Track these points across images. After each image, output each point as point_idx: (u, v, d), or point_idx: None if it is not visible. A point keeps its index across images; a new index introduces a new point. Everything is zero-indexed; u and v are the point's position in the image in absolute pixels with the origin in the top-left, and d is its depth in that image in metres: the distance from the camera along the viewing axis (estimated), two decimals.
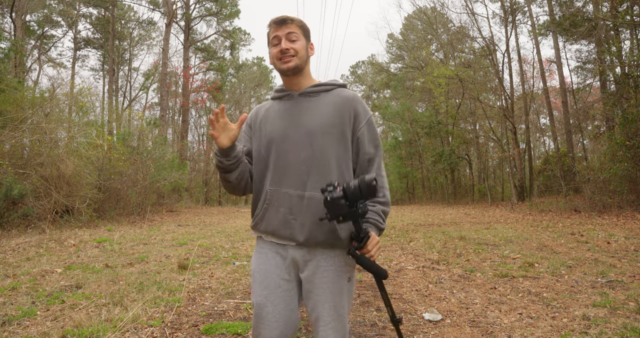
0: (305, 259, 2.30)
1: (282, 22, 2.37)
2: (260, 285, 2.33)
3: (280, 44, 2.35)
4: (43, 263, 7.99)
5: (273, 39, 2.39)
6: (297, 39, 2.37)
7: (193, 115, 46.45)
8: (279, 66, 2.38)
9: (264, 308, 2.30)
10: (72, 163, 14.22)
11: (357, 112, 2.40)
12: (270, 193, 2.32)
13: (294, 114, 2.39)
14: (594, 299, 5.31)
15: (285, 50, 2.33)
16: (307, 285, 2.31)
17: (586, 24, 22.31)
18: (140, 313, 4.89)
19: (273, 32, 2.39)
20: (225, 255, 9.37)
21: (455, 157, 35.21)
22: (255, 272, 2.39)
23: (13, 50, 20.20)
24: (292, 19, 2.38)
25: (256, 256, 2.43)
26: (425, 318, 4.86)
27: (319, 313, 2.27)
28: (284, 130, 2.36)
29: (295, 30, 2.38)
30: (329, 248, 2.31)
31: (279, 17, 2.38)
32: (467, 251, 9.33)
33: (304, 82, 2.47)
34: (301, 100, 2.43)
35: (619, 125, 17.25)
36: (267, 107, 2.53)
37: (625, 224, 12.90)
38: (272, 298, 2.30)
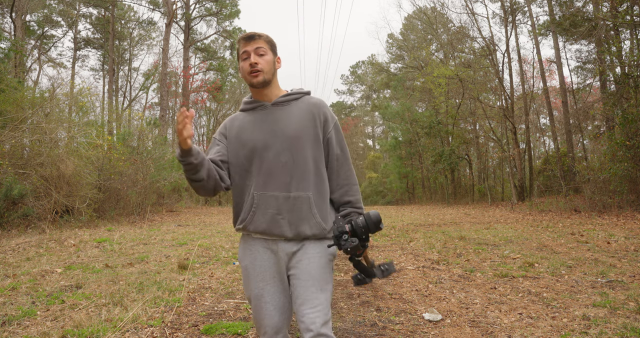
0: (294, 250, 2.48)
1: (250, 38, 2.55)
2: (256, 279, 2.49)
3: (250, 59, 2.52)
4: (43, 263, 8.00)
5: (242, 54, 2.56)
6: (265, 53, 2.56)
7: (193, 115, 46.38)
8: (249, 80, 2.56)
9: (261, 299, 2.46)
10: (72, 163, 14.23)
11: (326, 117, 2.65)
12: (257, 197, 2.48)
13: (271, 122, 2.57)
14: (594, 299, 5.31)
15: (254, 64, 2.51)
16: (293, 271, 2.47)
17: (586, 24, 22.31)
18: (140, 313, 4.89)
19: (242, 47, 2.56)
20: (225, 255, 9.38)
21: (455, 157, 35.21)
22: (248, 268, 2.53)
23: (13, 50, 20.22)
24: (259, 34, 2.57)
25: (246, 253, 2.58)
26: (425, 318, 4.85)
27: (305, 298, 2.38)
28: (264, 139, 2.53)
29: (263, 45, 2.56)
30: (314, 240, 2.51)
31: (247, 33, 2.57)
32: (467, 251, 9.33)
33: (274, 93, 2.66)
34: (274, 110, 2.62)
35: (619, 125, 17.24)
36: (240, 118, 2.70)
37: (625, 224, 12.90)
38: (268, 288, 2.47)
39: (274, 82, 2.65)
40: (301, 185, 2.47)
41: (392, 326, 4.62)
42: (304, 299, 2.38)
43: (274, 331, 2.48)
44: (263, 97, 2.65)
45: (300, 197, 2.46)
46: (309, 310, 2.35)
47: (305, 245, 2.49)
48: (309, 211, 2.47)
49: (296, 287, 2.44)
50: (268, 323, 2.46)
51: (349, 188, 2.65)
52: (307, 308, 2.35)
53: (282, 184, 2.47)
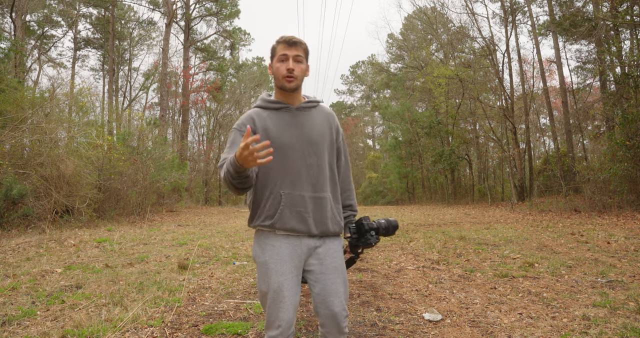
0: (316, 245, 2.71)
1: (292, 44, 2.68)
2: (276, 273, 2.59)
3: (288, 63, 2.67)
4: (43, 263, 8.00)
5: (281, 56, 2.69)
6: (301, 62, 2.72)
7: (193, 115, 46.41)
8: (282, 83, 2.72)
9: (279, 293, 2.57)
10: (72, 163, 14.23)
11: (338, 127, 2.95)
12: (285, 196, 2.62)
13: (297, 125, 2.74)
14: (594, 299, 5.31)
15: (291, 70, 2.66)
16: (319, 267, 2.70)
17: (586, 24, 22.31)
18: (140, 313, 4.89)
19: (282, 49, 2.69)
20: (225, 255, 9.38)
21: (455, 157, 35.21)
22: (268, 262, 2.63)
23: (13, 50, 20.22)
24: (300, 42, 2.72)
25: (265, 248, 2.67)
26: (425, 318, 4.85)
27: (331, 289, 2.67)
28: (291, 140, 2.69)
29: (301, 53, 2.71)
30: (332, 236, 2.78)
31: (290, 37, 2.69)
32: (467, 251, 9.34)
33: (297, 98, 2.83)
34: (298, 113, 2.79)
35: (619, 125, 17.25)
36: (264, 116, 2.77)
37: (625, 224, 12.90)
38: (286, 283, 2.58)
39: (301, 87, 2.82)
40: (323, 187, 2.72)
41: (392, 326, 4.62)
42: (331, 290, 2.67)
43: (288, 325, 2.57)
44: (288, 100, 2.79)
45: (323, 197, 2.70)
46: (336, 300, 2.67)
47: (325, 242, 2.74)
48: (330, 210, 2.73)
49: (321, 280, 2.68)
50: (284, 317, 2.55)
51: (350, 193, 3.00)
52: (335, 298, 2.66)
53: (310, 185, 2.67)
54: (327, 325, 2.70)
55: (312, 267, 2.70)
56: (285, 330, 2.56)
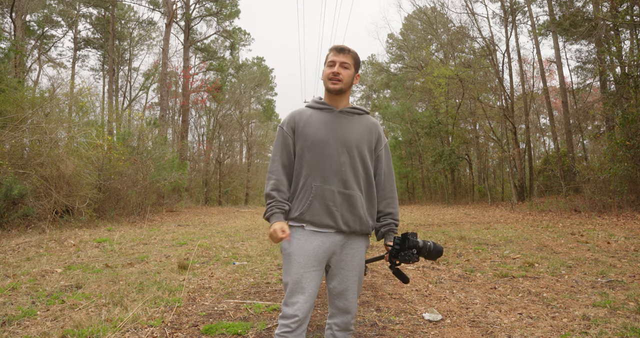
0: (342, 243, 2.83)
1: (341, 51, 2.89)
2: (298, 265, 2.73)
3: (334, 68, 2.86)
4: (43, 263, 8.00)
5: (330, 62, 2.90)
6: (348, 68, 2.89)
7: (193, 115, 46.37)
8: (327, 85, 2.91)
9: (299, 283, 2.70)
10: (72, 163, 14.22)
11: (380, 137, 3.06)
12: (316, 188, 2.78)
13: (335, 126, 2.90)
14: (594, 299, 5.32)
15: (336, 73, 2.86)
16: (339, 263, 2.85)
17: (586, 24, 22.29)
18: (140, 313, 4.89)
19: (332, 56, 2.90)
20: (225, 255, 9.39)
21: (455, 157, 35.20)
22: (292, 254, 2.77)
23: (13, 50, 20.22)
24: (349, 50, 2.91)
25: (293, 242, 2.80)
26: (425, 318, 4.86)
27: (348, 285, 2.85)
28: (327, 137, 2.86)
29: (349, 60, 2.89)
30: (359, 235, 2.90)
31: (340, 45, 2.90)
32: (467, 251, 9.35)
33: (343, 103, 3.00)
34: (340, 116, 2.95)
35: (619, 125, 17.25)
36: (308, 114, 2.97)
37: (625, 224, 12.91)
38: (307, 276, 2.71)
39: (347, 93, 2.98)
40: (355, 186, 2.84)
41: (392, 326, 4.63)
42: (347, 286, 2.85)
43: (304, 315, 2.68)
44: (333, 103, 2.97)
45: (353, 195, 2.82)
46: (350, 296, 2.86)
47: (351, 239, 2.86)
48: (360, 209, 2.83)
49: (339, 275, 2.85)
50: (302, 307, 2.66)
51: (392, 201, 3.04)
52: (349, 294, 2.86)
53: (340, 181, 2.81)
54: (337, 316, 2.90)
55: (334, 262, 2.84)
56: (302, 319, 2.66)
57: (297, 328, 2.65)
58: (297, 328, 2.66)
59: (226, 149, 51.19)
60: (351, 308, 2.87)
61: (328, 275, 2.91)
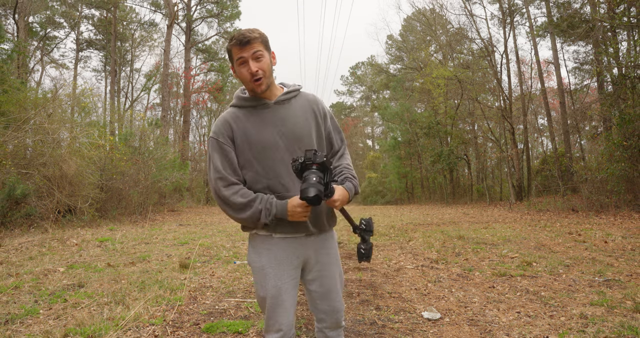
0: (315, 245, 2.61)
1: (245, 44, 2.41)
2: (274, 278, 2.50)
3: (249, 66, 2.43)
4: (46, 262, 8.02)
5: (238, 59, 2.45)
6: (262, 56, 2.46)
7: (194, 115, 46.47)
8: (252, 87, 2.49)
9: (278, 297, 2.48)
10: (75, 163, 14.24)
11: (324, 111, 2.74)
12: (278, 198, 2.46)
13: (277, 123, 2.53)
14: (592, 298, 5.34)
15: (255, 73, 2.43)
16: (316, 266, 2.62)
17: (584, 25, 22.39)
18: (141, 312, 4.91)
19: (237, 52, 2.44)
20: (226, 254, 9.41)
21: (454, 157, 35.24)
22: (265, 267, 2.52)
23: (16, 51, 20.21)
24: (253, 37, 2.42)
25: (262, 253, 2.56)
26: (424, 317, 4.89)
27: (330, 286, 2.64)
28: (274, 139, 2.49)
29: (259, 47, 2.44)
30: (329, 231, 2.71)
31: (240, 36, 2.42)
32: (466, 250, 9.37)
33: (273, 92, 2.60)
34: (277, 108, 2.57)
35: (616, 126, 17.27)
36: (243, 118, 2.56)
37: (623, 224, 12.93)
38: (285, 287, 2.50)
39: (272, 81, 2.58)
40: None
41: (392, 324, 4.66)
42: (329, 288, 2.64)
43: (289, 328, 2.53)
44: (264, 95, 2.56)
45: None
46: (334, 295, 2.66)
47: (321, 237, 2.64)
48: (325, 206, 2.57)
49: (319, 278, 2.63)
50: (284, 321, 2.50)
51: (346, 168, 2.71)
52: (333, 294, 2.65)
53: (297, 182, 2.43)
54: (326, 320, 2.68)
55: (310, 265, 2.62)
56: (286, 333, 2.52)
57: None
58: None
59: None
60: (338, 306, 2.67)
61: (306, 279, 2.68)
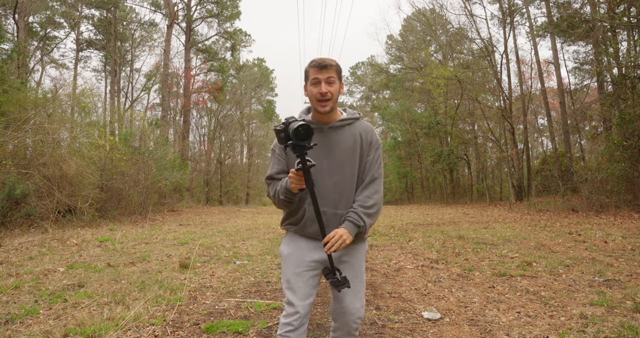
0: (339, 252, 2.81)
1: (323, 67, 2.71)
2: (293, 265, 2.82)
3: (321, 87, 2.72)
4: (46, 262, 8.02)
5: (313, 79, 2.74)
6: (334, 82, 2.75)
7: (194, 115, 46.37)
8: (316, 107, 2.77)
9: (295, 283, 2.77)
10: (75, 163, 14.24)
11: (371, 142, 2.91)
12: (308, 210, 2.77)
13: (326, 146, 2.81)
14: (592, 298, 5.35)
15: (324, 93, 2.71)
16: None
17: (584, 25, 22.37)
18: (141, 312, 4.92)
19: (314, 73, 2.73)
20: (226, 254, 9.41)
21: (454, 157, 35.20)
22: (289, 256, 2.86)
23: (16, 51, 20.19)
24: (331, 64, 2.73)
25: (291, 245, 2.90)
26: (424, 317, 4.89)
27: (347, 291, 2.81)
28: (320, 161, 2.75)
29: (333, 74, 2.74)
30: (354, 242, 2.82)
31: (320, 61, 2.73)
32: (466, 250, 9.37)
33: (332, 117, 2.86)
34: (330, 133, 2.84)
35: (616, 126, 17.29)
36: None
37: (623, 224, 12.94)
38: (302, 274, 2.79)
39: (335, 106, 2.84)
40: (348, 204, 2.80)
41: (392, 324, 4.66)
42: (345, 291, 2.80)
43: (303, 308, 2.74)
44: (322, 119, 2.84)
45: (342, 215, 2.78)
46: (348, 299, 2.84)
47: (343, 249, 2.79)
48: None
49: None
50: (298, 303, 2.73)
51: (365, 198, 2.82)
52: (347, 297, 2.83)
53: (332, 202, 2.77)
54: (337, 319, 2.92)
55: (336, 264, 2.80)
56: (303, 315, 2.74)
57: (299, 326, 2.73)
58: (299, 327, 2.73)
59: (227, 149, 51.24)
60: (350, 309, 2.83)
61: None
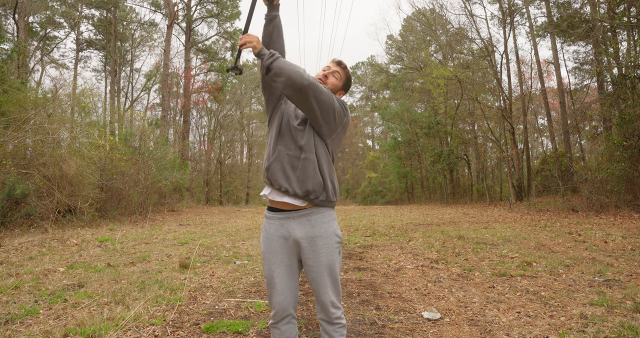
0: (298, 227, 2.87)
1: (339, 64, 3.18)
2: (269, 262, 2.92)
3: (326, 73, 3.13)
4: (46, 262, 8.01)
5: (326, 67, 3.18)
6: (337, 79, 3.15)
7: (194, 115, 46.33)
8: None
9: (271, 280, 2.89)
10: (75, 163, 14.21)
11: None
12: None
13: None
14: (592, 298, 5.34)
15: (326, 77, 3.12)
16: (306, 261, 2.88)
17: (584, 25, 22.36)
18: (141, 312, 4.91)
19: (330, 64, 3.18)
20: (226, 254, 9.38)
21: (454, 157, 35.16)
22: (264, 252, 2.96)
23: (16, 51, 20.17)
24: (346, 66, 3.20)
25: (263, 240, 2.98)
26: (424, 317, 4.89)
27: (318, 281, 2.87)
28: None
29: (341, 73, 3.17)
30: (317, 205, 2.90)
31: (339, 60, 3.18)
32: (466, 250, 9.35)
33: None
34: None
35: (616, 126, 17.28)
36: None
37: (623, 224, 12.93)
38: (276, 271, 2.89)
39: None
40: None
41: (392, 324, 4.66)
42: (318, 283, 2.86)
43: (281, 307, 2.88)
44: None
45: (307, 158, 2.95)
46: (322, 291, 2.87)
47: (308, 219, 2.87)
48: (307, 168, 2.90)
49: (309, 272, 2.89)
50: (276, 300, 2.88)
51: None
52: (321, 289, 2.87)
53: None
54: (319, 310, 2.94)
55: (303, 258, 2.90)
56: (278, 311, 2.89)
57: (280, 319, 2.91)
58: (281, 320, 2.91)
59: (227, 149, 51.19)
60: (326, 303, 2.87)
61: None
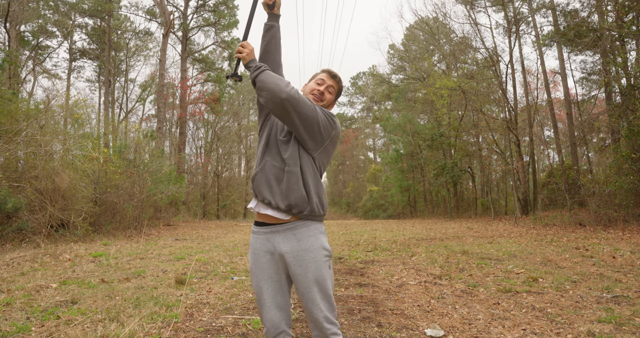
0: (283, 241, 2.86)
1: (334, 77, 3.20)
2: (257, 278, 2.92)
3: (321, 87, 3.14)
4: (38, 278, 7.96)
5: (319, 80, 3.17)
6: (332, 94, 3.20)
7: (191, 127, 46.55)
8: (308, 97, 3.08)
9: (260, 296, 2.90)
10: (68, 176, 14.19)
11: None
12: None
13: None
14: (599, 315, 5.27)
15: (322, 93, 3.14)
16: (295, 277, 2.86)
17: (591, 34, 22.31)
18: (136, 329, 4.86)
19: (324, 77, 3.18)
20: (224, 269, 9.34)
21: (458, 170, 35.22)
22: (251, 268, 2.97)
23: (7, 61, 20.20)
24: (340, 79, 3.23)
25: (251, 256, 2.99)
26: (427, 334, 4.80)
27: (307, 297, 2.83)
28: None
29: (335, 87, 3.20)
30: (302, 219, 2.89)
31: (334, 72, 3.20)
32: (470, 266, 9.28)
33: None
34: None
35: (624, 138, 17.23)
36: None
37: (631, 238, 12.89)
38: (265, 288, 2.89)
39: None
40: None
41: None
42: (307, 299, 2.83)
43: (271, 324, 2.87)
44: None
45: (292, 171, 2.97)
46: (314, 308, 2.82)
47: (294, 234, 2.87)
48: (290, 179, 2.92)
49: (298, 288, 2.87)
50: (266, 317, 2.88)
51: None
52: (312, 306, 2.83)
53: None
54: (312, 328, 2.90)
55: (291, 273, 2.89)
56: (270, 329, 2.88)
57: (273, 336, 2.89)
58: (274, 337, 2.89)
59: (224, 161, 51.19)
60: (319, 319, 2.82)
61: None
